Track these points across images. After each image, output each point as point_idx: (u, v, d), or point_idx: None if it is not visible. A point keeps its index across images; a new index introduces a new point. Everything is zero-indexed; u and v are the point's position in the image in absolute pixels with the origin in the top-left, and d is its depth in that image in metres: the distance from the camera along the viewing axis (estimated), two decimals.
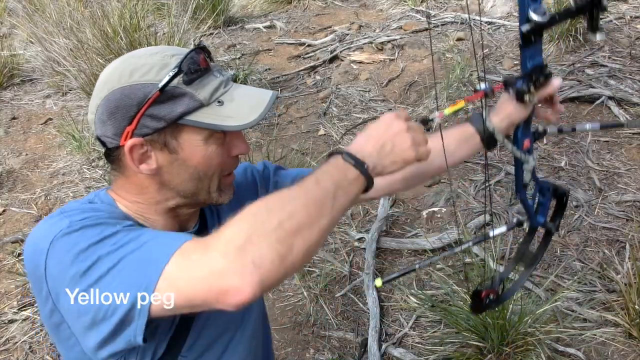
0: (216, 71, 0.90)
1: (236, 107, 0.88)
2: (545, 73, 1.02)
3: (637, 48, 4.34)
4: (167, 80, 0.83)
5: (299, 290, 2.74)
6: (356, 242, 3.01)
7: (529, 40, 0.97)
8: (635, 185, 3.13)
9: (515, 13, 5.28)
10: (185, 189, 0.92)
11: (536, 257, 1.24)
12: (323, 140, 4.04)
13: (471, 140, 1.13)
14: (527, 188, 1.16)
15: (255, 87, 0.96)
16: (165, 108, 0.85)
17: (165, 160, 0.89)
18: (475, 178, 3.37)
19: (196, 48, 0.89)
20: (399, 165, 0.86)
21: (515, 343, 2.17)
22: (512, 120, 1.09)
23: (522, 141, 1.10)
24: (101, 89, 0.88)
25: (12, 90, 5.38)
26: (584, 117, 3.76)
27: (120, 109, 0.86)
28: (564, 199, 1.18)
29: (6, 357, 2.54)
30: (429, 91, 4.34)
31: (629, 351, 2.26)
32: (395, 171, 0.87)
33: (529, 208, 1.18)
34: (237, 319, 1.06)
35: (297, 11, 6.57)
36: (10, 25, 6.44)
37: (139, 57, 0.89)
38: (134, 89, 0.85)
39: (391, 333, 2.50)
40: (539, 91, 1.03)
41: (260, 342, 1.18)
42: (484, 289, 1.18)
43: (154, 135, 0.87)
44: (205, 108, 0.86)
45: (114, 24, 4.18)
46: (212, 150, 0.90)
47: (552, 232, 1.22)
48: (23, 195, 3.74)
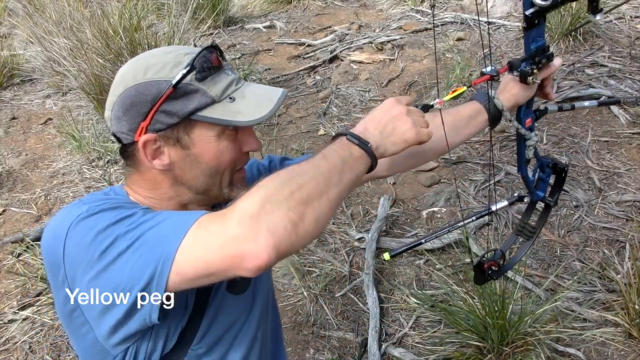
0: (228, 69, 0.93)
1: (247, 103, 0.90)
2: (548, 54, 1.07)
3: (637, 48, 4.34)
4: (181, 76, 0.86)
5: (299, 290, 2.74)
6: (356, 242, 3.01)
7: (532, 23, 1.02)
8: (635, 185, 3.13)
9: (515, 13, 5.28)
10: (198, 185, 0.94)
11: (535, 229, 1.29)
12: (323, 140, 4.04)
13: (479, 117, 1.16)
14: (529, 164, 1.21)
15: (266, 85, 0.98)
16: (178, 104, 0.88)
17: (177, 156, 0.91)
18: (475, 178, 3.37)
19: (209, 47, 0.91)
20: (400, 147, 0.90)
21: (515, 343, 2.18)
22: (518, 100, 1.13)
23: (524, 120, 1.17)
24: (117, 87, 0.91)
25: (12, 90, 5.38)
26: (584, 116, 3.76)
27: (135, 106, 0.88)
28: (562, 173, 1.24)
29: (6, 357, 2.54)
30: (429, 91, 4.34)
31: (629, 351, 2.26)
32: (397, 152, 0.91)
33: (529, 183, 1.24)
34: (245, 309, 1.07)
35: (297, 11, 6.57)
36: (10, 25, 6.45)
37: (153, 55, 0.92)
38: (148, 86, 0.88)
39: (391, 333, 2.50)
40: (542, 72, 1.09)
41: (269, 334, 1.18)
42: (487, 261, 1.22)
43: (167, 131, 0.89)
44: (217, 104, 0.89)
45: (114, 24, 4.18)
46: (224, 147, 0.92)
47: (551, 206, 1.27)
48: (23, 195, 3.75)
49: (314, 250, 2.96)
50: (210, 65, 0.89)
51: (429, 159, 1.29)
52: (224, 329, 1.02)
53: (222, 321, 1.02)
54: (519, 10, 5.30)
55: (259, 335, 1.11)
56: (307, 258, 2.91)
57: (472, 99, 1.19)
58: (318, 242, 3.00)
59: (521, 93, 1.12)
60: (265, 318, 1.15)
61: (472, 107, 1.17)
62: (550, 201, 1.26)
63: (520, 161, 1.22)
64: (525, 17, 1.01)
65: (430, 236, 1.23)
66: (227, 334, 1.03)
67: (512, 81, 1.13)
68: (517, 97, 1.13)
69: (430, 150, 1.17)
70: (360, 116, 4.24)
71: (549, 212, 1.31)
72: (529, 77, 1.07)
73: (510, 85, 1.13)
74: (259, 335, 1.10)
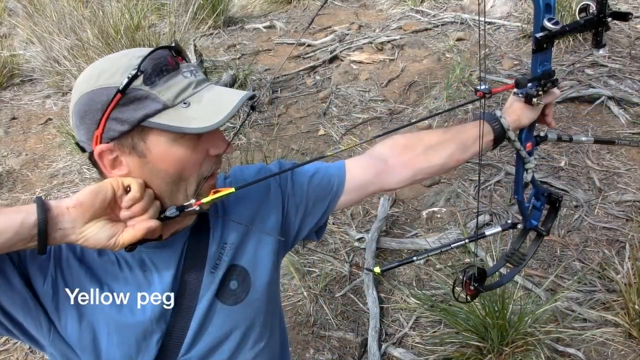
0: (187, 71, 0.87)
1: (202, 108, 0.85)
2: (553, 79, 1.09)
3: (637, 48, 4.34)
4: (126, 82, 0.81)
5: (299, 290, 2.74)
6: (356, 242, 3.01)
7: (542, 47, 1.04)
8: (635, 185, 3.13)
9: (515, 13, 5.28)
10: (161, 193, 0.89)
11: (524, 257, 1.29)
12: (323, 140, 4.04)
13: (486, 137, 1.15)
14: (527, 188, 1.22)
15: (231, 89, 0.92)
16: (128, 111, 0.83)
17: (135, 165, 0.87)
18: (475, 178, 3.37)
19: (161, 47, 0.86)
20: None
21: (515, 343, 2.17)
22: (521, 122, 1.15)
23: (525, 143, 1.18)
24: (74, 94, 0.87)
25: (12, 90, 5.38)
26: (584, 116, 3.76)
27: (88, 114, 0.85)
28: (557, 204, 1.26)
29: (6, 357, 2.54)
30: (429, 91, 4.34)
31: (629, 351, 2.26)
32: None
33: (524, 210, 1.25)
34: (244, 319, 1.03)
35: (297, 11, 6.58)
36: (10, 25, 6.45)
37: (108, 60, 0.88)
38: (98, 93, 0.83)
39: (391, 333, 2.50)
40: (546, 96, 1.10)
41: (277, 343, 1.15)
42: (466, 279, 1.22)
43: (121, 139, 0.85)
44: (170, 110, 0.83)
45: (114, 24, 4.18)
46: (182, 153, 0.86)
47: (542, 235, 1.29)
48: (23, 195, 3.75)
49: (314, 250, 2.96)
50: (162, 68, 0.84)
51: (439, 174, 1.32)
52: (217, 338, 1.00)
53: (214, 332, 0.99)
54: (519, 10, 5.30)
55: (263, 345, 1.08)
56: (307, 258, 2.91)
57: (478, 118, 1.17)
58: (318, 242, 3.00)
59: (525, 114, 1.13)
60: (271, 329, 1.12)
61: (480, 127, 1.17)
62: (542, 231, 1.27)
63: (518, 185, 1.23)
64: (535, 40, 1.03)
65: (422, 254, 1.24)
66: (223, 344, 1.01)
67: (516, 101, 1.14)
68: (521, 118, 1.14)
69: (441, 167, 1.18)
70: (360, 116, 4.24)
71: (541, 241, 1.32)
72: (534, 98, 1.08)
73: (515, 105, 1.14)
74: (263, 345, 1.08)
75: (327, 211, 1.14)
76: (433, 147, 1.15)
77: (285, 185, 1.11)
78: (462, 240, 1.24)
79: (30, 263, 0.89)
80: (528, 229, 1.29)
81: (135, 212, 0.84)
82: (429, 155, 1.15)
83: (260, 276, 1.04)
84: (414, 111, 4.18)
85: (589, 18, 1.04)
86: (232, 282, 1.00)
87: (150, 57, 0.83)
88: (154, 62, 0.83)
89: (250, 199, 1.06)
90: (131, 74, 0.81)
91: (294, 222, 1.11)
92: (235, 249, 1.01)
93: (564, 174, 3.29)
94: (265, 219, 1.07)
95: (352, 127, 4.12)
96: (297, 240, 1.15)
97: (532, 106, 1.11)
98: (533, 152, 1.21)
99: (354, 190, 1.14)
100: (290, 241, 1.14)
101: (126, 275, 0.93)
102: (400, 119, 4.15)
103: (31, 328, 0.90)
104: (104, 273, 0.93)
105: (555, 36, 1.03)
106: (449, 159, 1.15)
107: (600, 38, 1.06)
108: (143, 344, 0.94)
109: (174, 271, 0.96)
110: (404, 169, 1.15)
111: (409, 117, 4.15)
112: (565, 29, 1.02)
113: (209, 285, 0.97)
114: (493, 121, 1.14)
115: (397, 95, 4.47)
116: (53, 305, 0.89)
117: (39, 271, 0.89)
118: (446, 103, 4.06)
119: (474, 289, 1.22)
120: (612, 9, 1.03)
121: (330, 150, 0.94)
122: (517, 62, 4.52)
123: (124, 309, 0.92)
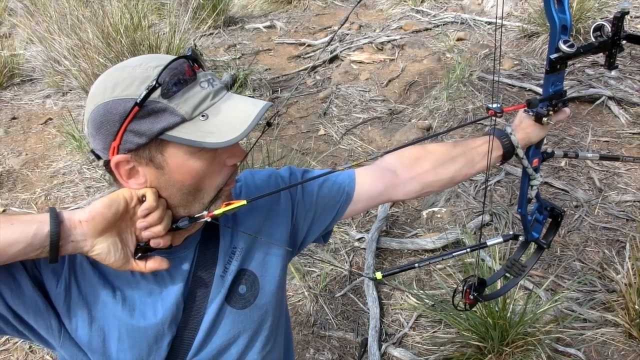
0: (204, 81, 0.86)
1: (220, 121, 0.84)
2: (564, 99, 1.11)
3: (637, 48, 4.34)
4: (144, 95, 0.80)
5: (299, 290, 2.74)
6: (356, 242, 3.01)
7: (555, 68, 1.06)
8: (635, 185, 3.13)
9: (515, 13, 5.28)
10: (176, 203, 0.90)
11: (524, 268, 1.32)
12: (323, 140, 4.04)
13: (494, 152, 1.17)
14: (529, 203, 1.25)
15: (249, 98, 0.91)
16: (146, 123, 0.82)
17: (152, 176, 0.87)
18: (475, 178, 3.37)
19: (179, 57, 0.85)
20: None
21: (515, 343, 2.17)
22: (530, 139, 1.16)
23: (532, 159, 1.20)
24: (89, 104, 0.87)
25: (12, 90, 5.39)
26: (584, 116, 3.76)
27: (104, 125, 0.84)
28: (559, 218, 1.29)
29: (6, 357, 2.54)
30: (429, 91, 4.34)
31: (629, 351, 2.26)
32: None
33: (526, 223, 1.28)
34: (252, 322, 1.04)
35: (297, 11, 6.58)
36: (11, 25, 6.45)
37: (123, 69, 0.86)
38: (115, 104, 0.82)
39: (391, 333, 2.50)
40: (556, 115, 1.12)
41: (282, 345, 1.16)
42: (466, 288, 1.26)
43: (138, 151, 0.85)
44: (188, 123, 0.83)
45: (115, 24, 4.18)
46: (200, 165, 0.86)
47: (543, 248, 1.31)
48: (23, 195, 3.74)
49: (314, 250, 2.96)
50: (180, 79, 0.82)
51: (447, 188, 1.34)
52: (225, 341, 1.00)
53: (222, 335, 1.00)
54: (519, 10, 5.30)
55: (270, 348, 1.09)
56: (307, 258, 2.91)
57: (488, 134, 1.18)
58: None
59: (534, 132, 1.14)
60: (278, 331, 1.13)
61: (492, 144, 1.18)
62: (543, 243, 1.30)
63: (522, 200, 1.25)
64: (549, 61, 1.05)
65: (424, 262, 1.25)
66: (231, 347, 1.01)
67: (526, 119, 1.15)
68: (530, 136, 1.15)
69: (450, 181, 1.20)
70: (361, 116, 4.24)
71: (541, 253, 1.34)
72: (544, 117, 1.10)
73: (525, 123, 1.15)
74: (269, 348, 1.09)
75: (335, 219, 1.15)
76: (442, 161, 1.17)
77: (295, 192, 1.12)
78: (464, 249, 1.26)
79: (44, 266, 0.89)
80: (529, 241, 1.31)
81: (151, 221, 0.85)
82: (437, 170, 1.16)
83: (268, 281, 1.05)
84: (414, 111, 4.18)
85: (603, 40, 1.05)
86: (241, 286, 1.01)
87: (167, 68, 0.82)
88: (171, 73, 0.82)
89: (261, 206, 1.06)
90: (150, 86, 0.80)
91: (302, 228, 1.13)
92: (244, 254, 1.02)
93: (564, 174, 3.29)
94: (275, 225, 1.07)
95: (352, 127, 4.12)
96: (304, 245, 1.17)
97: (541, 125, 1.12)
98: (539, 169, 1.23)
99: (362, 200, 1.15)
100: (298, 246, 1.15)
101: (138, 280, 0.94)
102: (401, 119, 4.15)
103: (42, 330, 0.90)
104: (116, 277, 0.93)
105: (569, 58, 1.04)
106: (457, 173, 1.16)
107: (614, 60, 1.08)
108: (154, 347, 0.94)
109: (184, 276, 0.97)
110: (413, 182, 1.16)
111: (409, 117, 4.15)
112: (580, 50, 1.03)
113: (218, 290, 0.98)
114: (503, 137, 1.15)
115: (397, 95, 4.47)
116: (65, 307, 0.90)
117: (53, 274, 0.89)
118: (446, 103, 4.06)
119: (473, 298, 1.24)
120: (627, 32, 1.04)
121: (342, 166, 0.94)
122: (517, 62, 4.52)
123: (136, 313, 0.93)
